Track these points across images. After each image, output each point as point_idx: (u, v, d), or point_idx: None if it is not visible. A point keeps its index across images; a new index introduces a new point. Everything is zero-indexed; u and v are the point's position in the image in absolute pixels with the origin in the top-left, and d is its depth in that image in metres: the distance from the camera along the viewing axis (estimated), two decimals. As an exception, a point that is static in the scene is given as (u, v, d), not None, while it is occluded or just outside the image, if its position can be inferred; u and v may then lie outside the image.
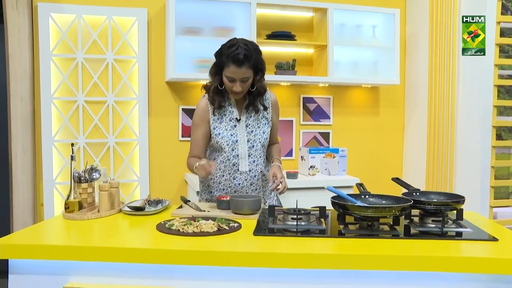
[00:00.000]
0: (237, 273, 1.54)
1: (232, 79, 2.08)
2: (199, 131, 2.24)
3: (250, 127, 2.23)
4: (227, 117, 2.22)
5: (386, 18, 3.89)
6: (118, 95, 3.56)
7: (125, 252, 1.54)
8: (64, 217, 1.95)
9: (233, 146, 2.20)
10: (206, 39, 3.52)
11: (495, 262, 1.46)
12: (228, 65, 2.07)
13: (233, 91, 2.12)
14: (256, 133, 2.23)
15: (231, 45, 2.09)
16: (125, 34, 3.54)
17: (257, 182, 2.27)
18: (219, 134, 2.20)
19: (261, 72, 2.16)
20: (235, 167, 2.23)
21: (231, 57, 2.05)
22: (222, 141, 2.20)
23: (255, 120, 2.24)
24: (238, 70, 2.06)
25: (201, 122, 2.24)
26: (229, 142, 2.20)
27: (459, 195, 1.90)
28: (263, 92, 2.21)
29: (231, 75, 2.07)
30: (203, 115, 2.24)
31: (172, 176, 3.72)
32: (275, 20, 3.88)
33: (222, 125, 2.21)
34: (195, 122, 2.26)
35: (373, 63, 3.96)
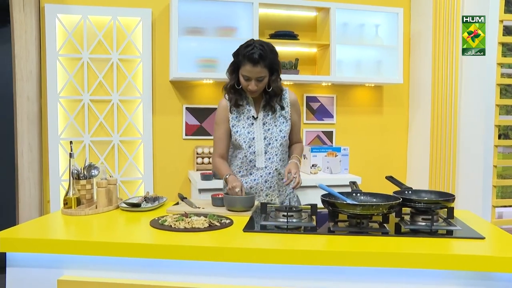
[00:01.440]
0: (226, 268, 1.58)
1: (248, 78, 2.16)
2: (221, 130, 2.33)
3: (267, 125, 2.29)
4: (245, 115, 2.30)
5: (389, 17, 3.89)
6: (123, 94, 3.62)
7: (118, 246, 1.58)
8: (63, 212, 2.01)
9: (250, 143, 2.28)
10: (209, 38, 3.56)
11: (481, 259, 1.48)
12: (244, 64, 2.14)
13: (249, 89, 2.20)
14: (273, 131, 2.28)
15: (247, 45, 2.17)
16: (130, 34, 3.60)
17: (272, 180, 2.32)
18: (237, 131, 2.29)
19: (276, 73, 2.24)
20: (252, 163, 2.30)
21: (246, 56, 2.13)
22: (239, 139, 2.28)
23: (272, 118, 2.30)
24: (253, 69, 2.13)
25: (222, 121, 2.32)
26: (246, 139, 2.28)
27: (450, 193, 1.91)
28: (279, 93, 2.28)
29: (247, 74, 2.15)
30: (223, 114, 2.32)
31: (176, 174, 3.77)
32: (278, 19, 3.90)
33: (240, 123, 2.29)
34: (217, 121, 2.35)
35: (376, 62, 3.97)
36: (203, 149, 3.74)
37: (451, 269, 1.50)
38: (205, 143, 3.82)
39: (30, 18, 3.33)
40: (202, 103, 3.81)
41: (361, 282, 1.55)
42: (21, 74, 3.29)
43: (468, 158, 3.45)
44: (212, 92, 3.82)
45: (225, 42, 3.62)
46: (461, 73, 3.49)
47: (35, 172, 3.38)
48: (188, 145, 3.81)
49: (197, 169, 3.72)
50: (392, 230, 1.77)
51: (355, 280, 1.56)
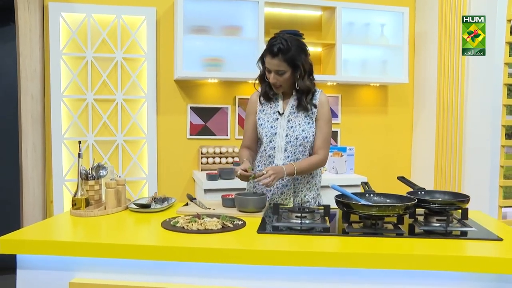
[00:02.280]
0: (241, 271, 1.56)
1: (268, 69, 2.16)
2: (249, 121, 2.34)
3: (291, 122, 2.25)
4: (271, 110, 2.29)
5: (395, 16, 3.87)
6: (127, 93, 3.59)
7: (130, 248, 1.56)
8: (71, 213, 1.98)
9: (271, 138, 2.25)
10: (214, 37, 3.54)
11: (500, 261, 1.46)
12: (266, 55, 2.16)
13: (270, 82, 2.19)
14: (295, 129, 2.23)
15: (273, 38, 2.17)
16: (134, 33, 3.57)
17: (289, 178, 2.25)
18: (261, 124, 2.28)
19: (301, 70, 2.16)
20: (271, 159, 2.26)
21: (268, 48, 2.14)
22: (262, 132, 2.27)
23: (297, 117, 2.25)
24: (271, 61, 2.12)
25: (251, 113, 2.34)
26: (268, 133, 2.25)
27: (464, 194, 1.89)
28: (306, 91, 2.21)
29: (267, 65, 2.16)
30: (253, 106, 2.34)
31: (180, 174, 3.75)
32: (283, 18, 3.88)
33: (265, 117, 2.28)
34: (247, 112, 2.38)
35: (382, 61, 3.95)
36: (207, 149, 3.72)
37: (472, 272, 1.47)
38: (210, 143, 3.80)
39: (34, 16, 3.30)
40: (207, 103, 3.79)
41: (378, 284, 1.53)
42: (26, 73, 3.25)
43: (475, 158, 3.43)
44: (217, 91, 3.79)
45: (230, 41, 3.61)
46: (467, 72, 3.48)
47: (39, 172, 3.35)
48: (193, 145, 3.78)
49: (202, 169, 3.69)
50: (407, 231, 1.75)
51: (372, 282, 1.53)
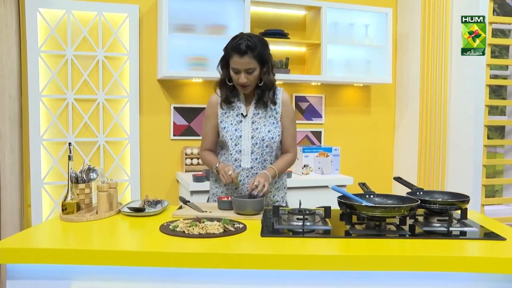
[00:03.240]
0: (245, 276, 1.51)
1: (237, 70, 2.10)
2: (209, 124, 2.29)
3: (256, 124, 2.22)
4: (234, 112, 2.24)
5: (378, 17, 3.89)
6: (109, 93, 3.48)
7: (130, 255, 1.49)
8: (62, 219, 1.89)
9: (237, 141, 2.21)
10: (199, 36, 3.47)
11: (508, 262, 1.46)
12: (232, 56, 2.10)
13: (239, 83, 2.12)
14: (261, 131, 2.21)
15: (235, 38, 2.14)
16: (116, 30, 3.46)
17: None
18: (224, 128, 2.23)
19: (267, 65, 2.16)
20: (237, 162, 2.22)
21: (233, 48, 2.09)
22: (226, 135, 2.21)
23: (262, 118, 2.23)
24: (241, 60, 2.07)
25: (211, 116, 2.28)
26: (233, 137, 2.21)
27: (464, 194, 1.90)
28: (271, 86, 2.21)
29: (235, 66, 2.09)
30: (213, 109, 2.28)
31: (163, 176, 3.66)
32: (268, 18, 3.84)
33: (228, 120, 2.23)
34: (206, 115, 2.31)
35: (366, 62, 3.96)
36: (192, 150, 3.64)
37: (481, 272, 1.47)
38: (194, 144, 3.72)
39: (10, 11, 3.16)
40: (191, 103, 3.71)
41: (388, 286, 1.51)
42: (3, 71, 3.11)
43: (458, 157, 3.49)
44: (201, 91, 3.72)
45: (215, 40, 3.53)
46: (450, 73, 3.53)
47: (17, 175, 3.20)
48: (176, 145, 3.70)
49: (186, 171, 3.62)
50: (409, 232, 1.74)
51: (381, 284, 1.52)
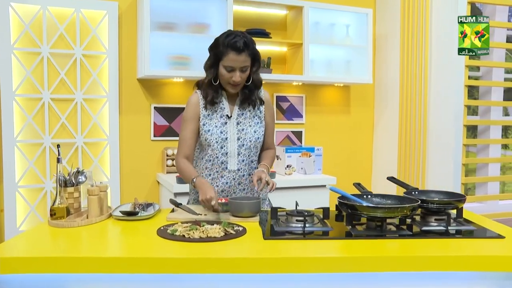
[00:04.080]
0: (252, 280, 1.47)
1: (232, 68, 2.01)
2: (189, 127, 2.15)
3: (241, 125, 2.16)
4: (218, 114, 2.15)
5: (359, 17, 3.92)
6: (87, 92, 3.36)
7: (131, 262, 1.43)
8: (51, 224, 1.80)
9: (222, 143, 2.13)
10: (181, 35, 3.40)
11: (507, 260, 1.48)
12: (227, 54, 2.00)
13: (232, 82, 2.04)
14: (247, 132, 2.15)
15: (228, 35, 2.04)
16: (95, 28, 3.35)
17: (245, 182, 2.19)
18: (208, 130, 2.13)
19: (258, 63, 2.11)
20: (224, 165, 2.15)
21: (230, 45, 1.99)
22: (211, 138, 2.12)
23: (246, 118, 2.17)
24: (238, 58, 1.99)
25: (192, 118, 2.14)
26: (218, 139, 2.12)
27: (460, 193, 1.92)
28: (259, 85, 2.17)
29: (231, 63, 2.00)
30: (194, 111, 2.15)
31: (144, 177, 3.57)
32: (249, 17, 3.81)
33: (212, 122, 2.14)
34: (186, 117, 2.16)
35: (346, 62, 3.98)
36: (173, 151, 3.57)
37: (486, 271, 1.49)
38: (175, 144, 3.65)
39: (-18, 8, 3.00)
40: (171, 103, 3.64)
41: (394, 286, 1.51)
42: (-24, 70, 2.95)
43: (438, 156, 3.55)
44: (182, 90, 3.65)
45: (197, 39, 3.48)
46: (430, 74, 3.58)
47: (-10, 178, 3.06)
48: (157, 146, 3.61)
49: (168, 172, 3.54)
50: (410, 232, 1.74)
51: (388, 285, 1.51)
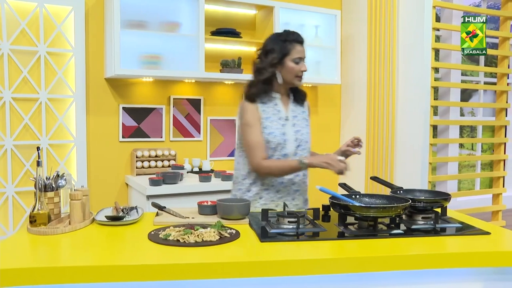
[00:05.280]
0: (254, 284, 1.45)
1: (299, 59, 2.12)
2: (257, 130, 2.12)
3: (297, 126, 2.21)
4: (275, 116, 2.17)
5: (327, 19, 3.97)
6: (52, 91, 3.21)
7: (127, 270, 1.36)
8: (30, 232, 1.69)
9: (283, 144, 2.15)
10: (151, 33, 3.31)
11: (501, 255, 1.53)
12: (295, 46, 2.12)
13: (301, 72, 2.14)
14: (303, 132, 2.22)
15: (289, 33, 2.16)
16: (60, 24, 3.20)
17: (299, 182, 2.23)
18: (270, 133, 2.13)
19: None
20: None
21: (294, 39, 2.13)
22: (273, 140, 2.13)
23: (299, 120, 2.24)
24: (302, 49, 2.14)
25: (256, 121, 2.13)
26: (281, 141, 2.14)
27: (445, 192, 1.98)
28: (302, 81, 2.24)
29: (299, 54, 2.12)
30: (256, 114, 2.14)
31: (112, 180, 3.45)
32: (219, 16, 3.76)
33: (272, 124, 2.15)
34: (250, 122, 2.12)
35: (315, 62, 4.02)
36: (143, 152, 3.47)
37: (477, 267, 1.53)
38: (144, 146, 3.55)
39: None
40: (140, 103, 3.54)
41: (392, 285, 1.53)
42: None
43: (405, 155, 3.64)
44: (151, 90, 3.56)
45: (168, 38, 3.41)
46: (397, 75, 3.68)
47: None
48: (126, 148, 3.50)
49: (137, 174, 3.44)
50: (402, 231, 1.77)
51: (386, 284, 1.52)
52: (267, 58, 2.13)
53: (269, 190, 2.17)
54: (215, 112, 3.86)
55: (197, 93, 3.77)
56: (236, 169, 2.26)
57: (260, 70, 2.14)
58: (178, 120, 3.71)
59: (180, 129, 3.73)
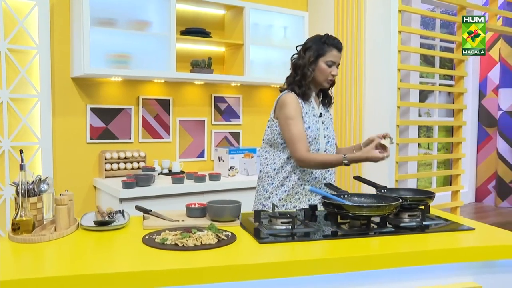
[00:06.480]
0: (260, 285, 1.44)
1: (333, 63, 2.20)
2: (300, 124, 2.18)
3: (325, 123, 2.31)
4: (311, 112, 2.25)
5: (296, 20, 4.01)
6: (15, 91, 3.05)
7: (130, 276, 1.31)
8: (14, 240, 1.59)
9: (317, 140, 2.23)
10: (121, 32, 3.21)
11: (491, 249, 1.61)
12: (331, 50, 2.20)
13: (332, 75, 2.21)
14: (330, 130, 2.33)
15: (330, 37, 2.24)
16: (22, 20, 3.04)
17: (330, 177, 2.30)
18: (309, 127, 2.21)
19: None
20: None
21: (334, 44, 2.21)
22: (311, 134, 2.21)
23: (327, 118, 2.33)
24: (338, 55, 2.23)
25: (299, 115, 2.19)
26: (316, 136, 2.23)
27: (429, 191, 2.05)
28: (333, 85, 2.32)
29: (333, 59, 2.20)
30: (298, 108, 2.20)
31: (79, 183, 3.32)
32: (188, 15, 3.71)
33: (309, 119, 2.23)
34: (292, 115, 2.17)
35: (283, 63, 4.02)
36: (112, 154, 3.36)
37: (467, 262, 1.60)
38: (112, 147, 3.45)
39: None
40: (108, 103, 3.43)
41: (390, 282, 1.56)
42: None
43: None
44: (120, 90, 3.46)
45: (138, 37, 3.33)
46: (365, 77, 3.78)
47: None
48: (93, 149, 3.38)
49: (106, 176, 3.33)
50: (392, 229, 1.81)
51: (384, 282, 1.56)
52: (305, 56, 2.22)
53: (304, 185, 2.23)
54: (184, 113, 3.80)
55: (166, 93, 3.70)
56: (265, 165, 2.30)
57: (297, 66, 2.24)
58: (147, 120, 3.62)
59: (149, 130, 3.64)
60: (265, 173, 2.28)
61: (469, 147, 5.95)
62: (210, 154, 3.95)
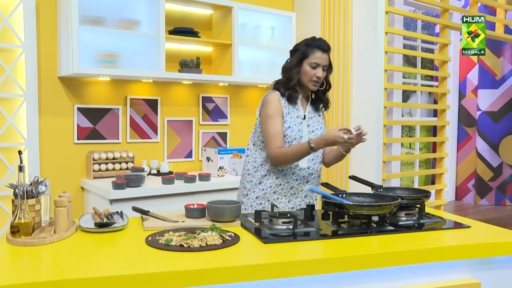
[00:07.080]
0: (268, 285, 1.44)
1: (316, 65, 2.20)
2: (278, 122, 2.21)
3: (311, 126, 2.31)
4: (294, 114, 2.26)
5: (283, 20, 4.02)
6: (0, 90, 2.97)
7: (138, 279, 1.30)
8: (14, 243, 1.56)
9: (298, 141, 2.23)
10: (109, 31, 3.17)
11: (490, 246, 1.65)
12: (314, 52, 2.20)
13: (317, 76, 2.20)
14: (316, 133, 2.30)
15: (315, 39, 2.25)
16: (7, 17, 2.97)
17: (313, 180, 2.30)
18: (289, 127, 2.23)
19: (331, 69, 2.31)
20: (295, 162, 2.23)
21: (317, 45, 2.21)
22: (291, 134, 2.22)
23: (314, 122, 2.33)
24: (323, 56, 2.21)
25: (278, 114, 2.22)
26: (297, 136, 2.23)
27: (424, 190, 2.08)
28: (329, 89, 2.36)
29: (317, 60, 2.20)
30: (279, 107, 2.23)
31: (66, 183, 3.26)
32: (176, 15, 3.69)
33: (292, 120, 2.24)
34: (271, 114, 2.21)
35: (271, 63, 4.05)
36: (100, 155, 3.31)
37: (467, 258, 1.64)
38: (100, 148, 3.40)
39: None
40: (96, 103, 3.38)
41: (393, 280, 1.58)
42: None
43: (360, 155, 3.78)
44: (108, 90, 3.42)
45: (127, 36, 3.29)
46: (352, 77, 3.81)
47: None
48: (81, 150, 3.33)
49: (94, 177, 3.28)
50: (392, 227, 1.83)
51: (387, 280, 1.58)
52: (292, 58, 2.25)
53: (282, 186, 2.23)
54: (172, 113, 3.78)
55: (154, 93, 3.67)
56: (246, 162, 2.32)
57: (284, 69, 2.27)
58: (135, 121, 3.59)
59: (137, 130, 3.61)
60: (246, 170, 2.32)
61: (449, 147, 6.07)
62: (198, 154, 3.94)
